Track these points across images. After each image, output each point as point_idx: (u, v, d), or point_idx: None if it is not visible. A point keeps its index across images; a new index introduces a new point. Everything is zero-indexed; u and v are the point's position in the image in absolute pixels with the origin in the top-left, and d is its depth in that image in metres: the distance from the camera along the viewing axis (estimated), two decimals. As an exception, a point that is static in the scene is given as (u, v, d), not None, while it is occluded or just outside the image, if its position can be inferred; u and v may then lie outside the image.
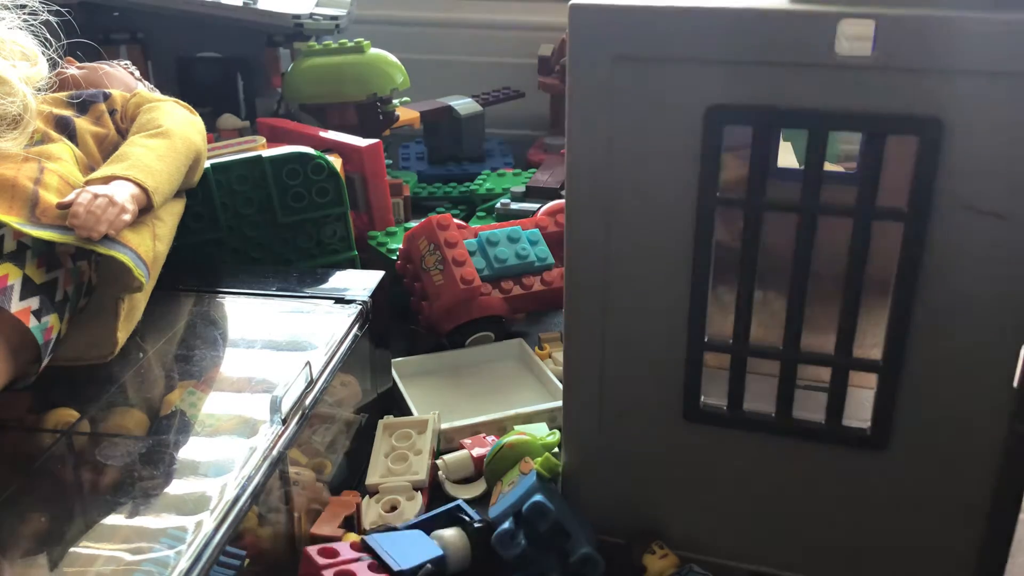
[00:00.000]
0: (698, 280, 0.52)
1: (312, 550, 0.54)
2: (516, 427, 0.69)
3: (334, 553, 0.55)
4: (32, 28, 0.70)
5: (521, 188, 1.05)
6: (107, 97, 0.73)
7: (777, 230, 0.51)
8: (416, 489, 0.65)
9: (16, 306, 0.56)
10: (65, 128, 0.68)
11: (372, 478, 0.66)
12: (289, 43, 1.20)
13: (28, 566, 0.46)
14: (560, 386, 0.73)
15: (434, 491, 0.66)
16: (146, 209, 0.64)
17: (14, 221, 0.57)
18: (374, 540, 0.56)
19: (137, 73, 0.83)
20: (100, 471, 0.52)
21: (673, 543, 0.58)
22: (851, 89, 0.46)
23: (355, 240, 0.83)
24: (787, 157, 0.69)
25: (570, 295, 0.55)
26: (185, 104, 0.75)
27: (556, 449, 0.64)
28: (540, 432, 0.67)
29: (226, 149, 0.89)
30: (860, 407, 0.53)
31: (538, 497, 0.57)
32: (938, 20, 0.44)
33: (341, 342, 0.64)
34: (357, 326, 0.67)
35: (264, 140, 0.94)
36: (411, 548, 0.56)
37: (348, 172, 0.93)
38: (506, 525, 0.57)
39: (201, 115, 0.75)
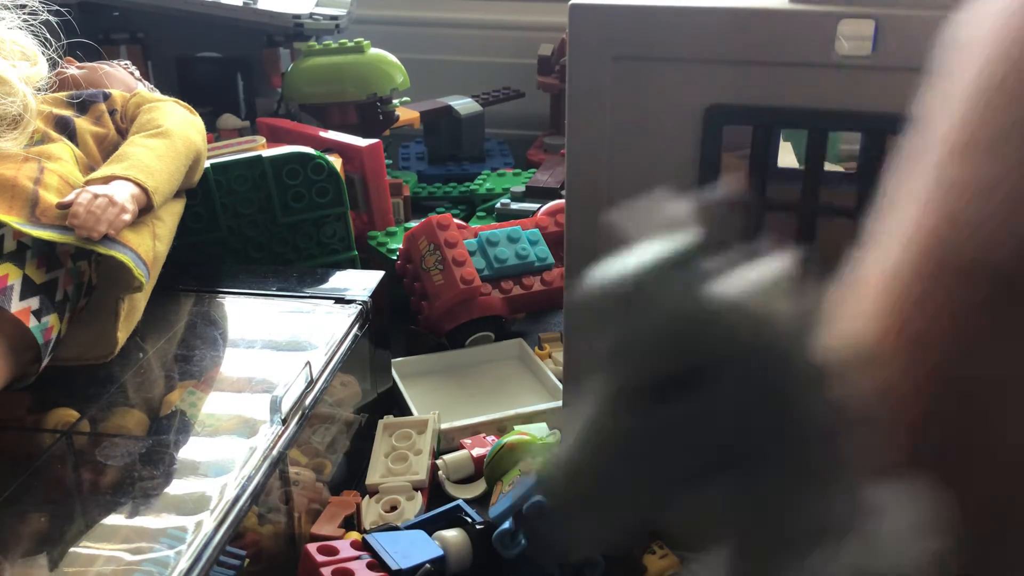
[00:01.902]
0: (698, 280, 0.52)
1: (312, 547, 0.54)
2: (516, 427, 0.69)
3: (333, 551, 0.55)
4: (32, 28, 0.70)
5: (521, 188, 1.05)
6: (107, 97, 0.73)
7: (777, 230, 0.51)
8: (416, 489, 0.65)
9: (16, 306, 0.56)
10: (65, 128, 0.68)
11: (372, 478, 0.66)
12: (289, 43, 1.20)
13: (28, 566, 0.46)
14: (560, 386, 0.73)
15: (434, 491, 0.66)
16: (146, 209, 0.64)
17: (14, 221, 0.57)
18: (374, 539, 0.56)
19: (137, 73, 0.83)
20: (100, 471, 0.52)
21: (673, 543, 0.58)
22: (851, 89, 0.46)
23: (355, 240, 0.83)
24: (787, 157, 0.69)
25: (570, 295, 0.55)
26: (185, 104, 0.75)
27: (556, 449, 0.64)
28: (540, 432, 0.67)
29: (226, 149, 0.89)
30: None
31: (538, 497, 0.57)
32: (938, 20, 0.44)
33: (341, 342, 0.64)
34: (357, 326, 0.67)
35: (264, 140, 0.94)
36: (411, 548, 0.56)
37: (348, 172, 0.93)
38: (506, 525, 0.57)
39: (201, 115, 0.75)
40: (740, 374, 0.10)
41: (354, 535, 0.59)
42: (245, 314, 0.69)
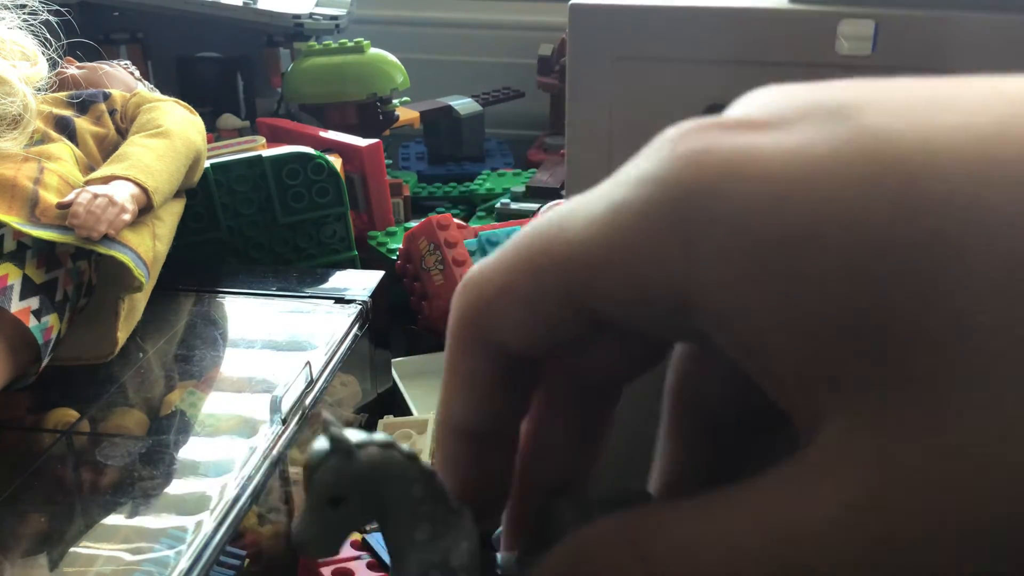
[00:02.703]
0: (698, 280, 0.52)
1: (312, 549, 0.54)
2: (516, 427, 0.69)
3: (334, 553, 0.55)
4: (32, 28, 0.70)
5: (521, 188, 1.05)
6: (107, 97, 0.73)
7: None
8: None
9: (16, 306, 0.56)
10: (65, 128, 0.68)
11: (372, 478, 0.66)
12: (289, 43, 1.20)
13: (28, 566, 0.46)
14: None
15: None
16: (146, 209, 0.64)
17: (14, 221, 0.57)
18: (374, 539, 0.56)
19: (137, 73, 0.83)
20: (100, 471, 0.52)
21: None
22: (851, 89, 0.46)
23: (355, 240, 0.83)
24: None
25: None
26: (185, 104, 0.75)
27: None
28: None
29: (226, 149, 0.89)
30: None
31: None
32: (938, 20, 0.44)
33: (341, 342, 0.64)
34: (357, 326, 0.67)
35: (264, 140, 0.93)
36: (411, 548, 0.56)
37: (348, 172, 0.93)
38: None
39: (201, 115, 0.75)
40: (362, 489, 0.20)
41: (354, 535, 0.59)
42: (245, 314, 0.69)
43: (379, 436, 0.21)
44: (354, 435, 0.20)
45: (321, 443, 0.20)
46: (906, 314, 0.14)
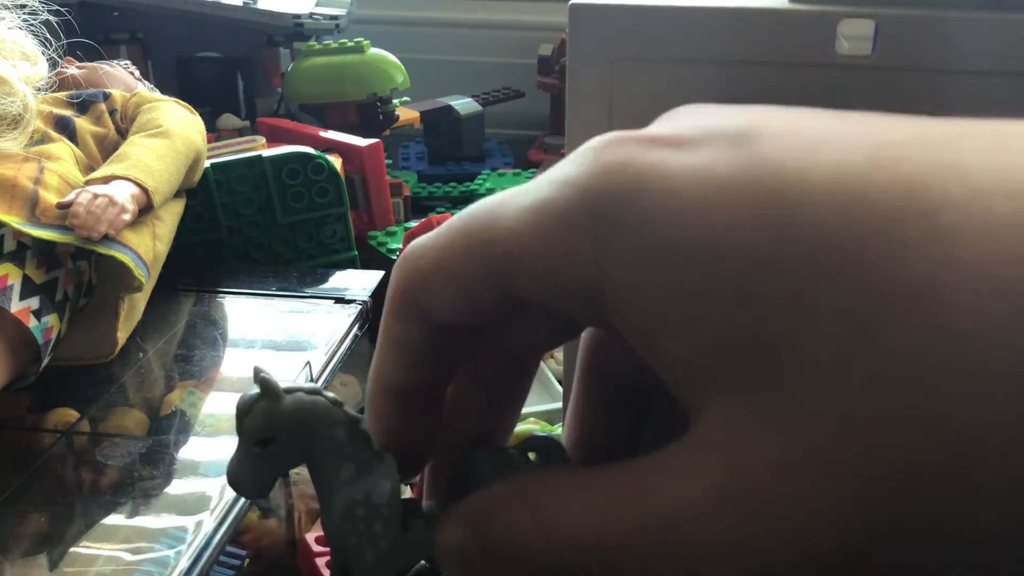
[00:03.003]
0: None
1: (310, 537, 0.54)
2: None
3: (333, 550, 0.55)
4: (32, 28, 0.70)
5: (521, 188, 1.05)
6: (107, 97, 0.73)
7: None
8: (410, 486, 0.65)
9: (16, 306, 0.56)
10: (65, 128, 0.68)
11: (372, 478, 0.66)
12: (289, 43, 1.20)
13: (28, 566, 0.46)
14: (560, 387, 0.73)
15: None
16: (146, 209, 0.64)
17: (14, 221, 0.57)
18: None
19: (137, 73, 0.83)
20: (100, 471, 0.52)
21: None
22: (851, 89, 0.46)
23: (355, 240, 0.83)
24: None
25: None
26: (185, 104, 0.75)
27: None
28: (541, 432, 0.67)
29: (226, 149, 0.89)
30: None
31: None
32: (938, 20, 0.44)
33: (341, 342, 0.64)
34: (357, 326, 0.67)
35: (264, 140, 0.93)
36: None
37: (348, 172, 0.93)
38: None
39: (201, 115, 0.75)
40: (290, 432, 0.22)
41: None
42: (245, 314, 0.69)
43: (307, 384, 0.22)
44: (284, 382, 0.22)
45: (252, 388, 0.21)
46: (772, 326, 0.17)
